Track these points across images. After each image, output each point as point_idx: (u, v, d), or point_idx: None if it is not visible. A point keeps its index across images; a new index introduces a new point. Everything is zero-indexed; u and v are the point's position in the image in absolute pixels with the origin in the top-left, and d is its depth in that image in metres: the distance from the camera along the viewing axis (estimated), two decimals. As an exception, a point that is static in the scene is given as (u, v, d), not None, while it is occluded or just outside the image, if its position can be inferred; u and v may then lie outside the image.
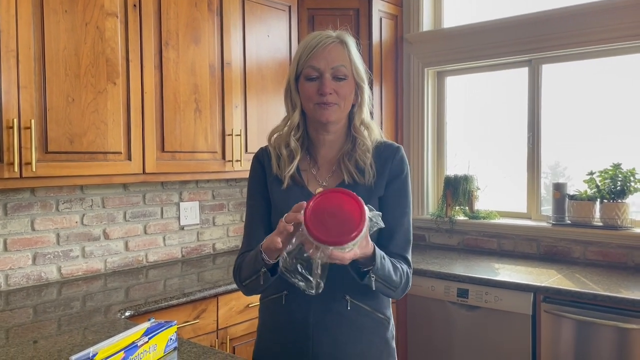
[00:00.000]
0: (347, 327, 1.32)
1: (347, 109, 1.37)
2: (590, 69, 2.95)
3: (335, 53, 1.33)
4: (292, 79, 1.37)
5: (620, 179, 2.72)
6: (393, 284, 1.27)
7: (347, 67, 1.33)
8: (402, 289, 1.33)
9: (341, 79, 1.32)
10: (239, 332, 2.39)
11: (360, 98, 1.38)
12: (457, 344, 2.62)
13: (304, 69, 1.33)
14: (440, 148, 3.49)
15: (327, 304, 1.31)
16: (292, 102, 1.38)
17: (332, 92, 1.31)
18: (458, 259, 2.99)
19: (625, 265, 2.70)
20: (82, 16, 2.14)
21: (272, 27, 2.92)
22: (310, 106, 1.34)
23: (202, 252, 3.05)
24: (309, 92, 1.32)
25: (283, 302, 1.35)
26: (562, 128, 3.06)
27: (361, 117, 1.39)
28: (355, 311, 1.32)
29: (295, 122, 1.38)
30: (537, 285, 2.38)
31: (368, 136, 1.38)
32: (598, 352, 2.23)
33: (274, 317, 1.40)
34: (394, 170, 1.37)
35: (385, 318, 1.39)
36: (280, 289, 1.35)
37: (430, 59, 3.36)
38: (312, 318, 1.32)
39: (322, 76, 1.31)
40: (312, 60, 1.32)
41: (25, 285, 2.35)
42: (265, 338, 1.44)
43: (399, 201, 1.36)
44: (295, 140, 1.38)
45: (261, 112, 2.88)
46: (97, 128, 2.20)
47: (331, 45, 1.33)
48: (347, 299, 1.32)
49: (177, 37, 2.48)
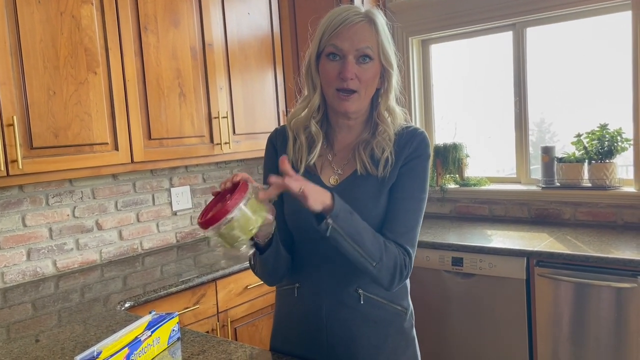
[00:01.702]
0: (361, 321, 1.27)
1: (368, 97, 1.27)
2: (573, 30, 2.94)
3: (362, 33, 1.21)
4: (313, 57, 1.26)
5: (607, 140, 2.74)
6: (364, 249, 1.14)
7: (373, 50, 1.22)
8: (387, 268, 1.18)
9: (365, 62, 1.22)
10: (239, 313, 2.42)
11: (388, 83, 1.28)
12: (453, 311, 2.67)
13: (326, 47, 1.23)
14: (428, 118, 3.48)
15: (339, 298, 1.27)
16: (313, 83, 1.28)
17: (353, 77, 1.21)
18: (451, 227, 3.02)
19: (615, 224, 2.74)
20: (56, 5, 2.08)
21: (252, 4, 2.86)
22: (330, 92, 1.24)
23: (197, 236, 3.05)
24: (330, 75, 1.22)
25: (295, 294, 1.33)
26: (548, 89, 3.06)
27: (387, 104, 1.29)
28: (368, 304, 1.28)
29: (315, 105, 1.29)
30: (530, 250, 2.42)
31: (391, 122, 1.29)
32: (593, 313, 2.28)
33: (288, 308, 1.37)
34: (407, 155, 1.27)
35: (402, 309, 1.33)
36: (292, 280, 1.33)
37: (414, 28, 3.33)
38: (325, 311, 1.28)
39: (344, 58, 1.21)
40: (336, 39, 1.21)
41: (22, 282, 2.34)
42: (282, 326, 1.41)
43: (406, 183, 1.26)
44: (316, 124, 1.29)
45: (246, 92, 2.85)
46: (81, 120, 2.16)
47: (358, 24, 1.21)
48: (359, 292, 1.27)
49: (156, 21, 2.42)
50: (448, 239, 2.71)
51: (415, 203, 1.27)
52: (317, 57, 1.27)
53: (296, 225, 1.31)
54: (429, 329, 2.71)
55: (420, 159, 1.28)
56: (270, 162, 1.37)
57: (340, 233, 1.12)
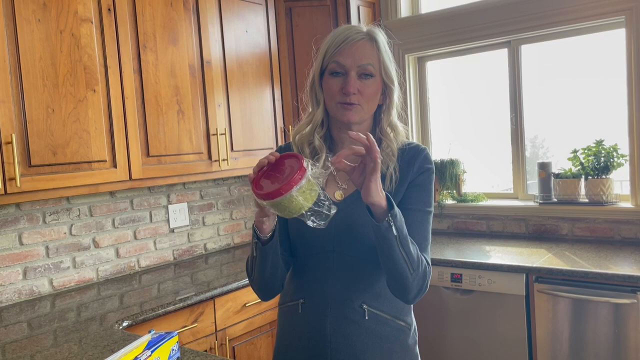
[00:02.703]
0: (366, 336, 1.27)
1: (370, 111, 1.30)
2: (568, 47, 2.97)
3: (363, 50, 1.25)
4: (317, 74, 1.30)
5: (603, 155, 2.76)
6: (409, 255, 1.15)
7: (374, 66, 1.26)
8: (419, 278, 1.19)
9: (367, 78, 1.25)
10: (237, 332, 2.39)
11: (389, 99, 1.31)
12: (452, 328, 2.66)
13: (329, 64, 1.27)
14: (425, 134, 3.50)
15: (344, 313, 1.27)
16: (316, 99, 1.32)
17: (356, 92, 1.24)
18: (449, 243, 3.02)
19: (612, 239, 2.75)
20: (56, 24, 2.09)
21: (250, 22, 2.89)
22: (333, 105, 1.27)
23: (194, 253, 3.03)
24: (333, 90, 1.26)
25: (299, 310, 1.32)
26: (544, 105, 3.09)
27: (389, 120, 1.31)
28: (373, 320, 1.27)
29: (319, 120, 1.32)
30: (529, 266, 2.41)
31: (394, 138, 1.31)
32: (592, 329, 2.28)
33: (292, 326, 1.36)
34: (416, 171, 1.29)
35: (406, 325, 1.33)
36: (295, 296, 1.33)
37: (410, 45, 3.36)
38: (329, 327, 1.27)
39: (347, 74, 1.24)
40: (338, 56, 1.25)
41: (18, 301, 2.32)
42: (285, 344, 1.40)
43: (418, 196, 1.28)
44: (319, 139, 1.31)
45: (244, 109, 2.86)
46: (80, 137, 2.16)
47: (360, 42, 1.26)
48: (364, 307, 1.27)
49: (155, 39, 2.44)
50: (447, 255, 2.71)
51: (427, 215, 1.29)
52: (321, 74, 1.30)
53: (303, 240, 1.31)
54: (429, 346, 2.70)
55: (428, 172, 1.30)
56: None
57: (394, 234, 1.12)
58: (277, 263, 1.28)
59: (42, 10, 2.04)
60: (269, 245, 1.23)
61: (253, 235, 1.23)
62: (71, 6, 2.13)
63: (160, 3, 2.46)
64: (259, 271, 1.29)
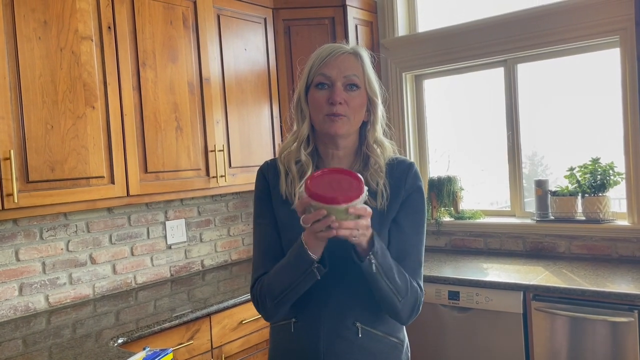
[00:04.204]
0: (359, 354, 1.27)
1: (356, 124, 1.30)
2: (564, 66, 3.00)
3: (349, 62, 1.28)
4: (302, 90, 1.32)
5: (599, 173, 2.77)
6: (395, 285, 1.18)
7: (359, 78, 1.28)
8: (409, 303, 1.23)
9: (353, 89, 1.27)
10: (233, 349, 2.38)
11: (373, 115, 1.32)
12: (450, 346, 2.64)
13: (315, 77, 1.28)
14: (422, 151, 3.52)
15: (337, 331, 1.27)
16: (302, 114, 1.32)
17: (342, 101, 1.25)
18: (447, 260, 3.01)
19: (610, 257, 2.75)
20: (56, 42, 2.11)
21: (248, 40, 2.92)
22: (319, 118, 1.27)
23: (191, 270, 3.03)
24: (319, 102, 1.26)
25: (292, 329, 1.31)
26: (540, 123, 3.11)
27: (374, 136, 1.32)
28: (366, 337, 1.27)
29: (304, 134, 1.32)
30: (527, 284, 2.41)
31: (381, 154, 1.32)
32: (590, 347, 2.27)
33: (284, 344, 1.35)
34: (408, 189, 1.30)
35: (399, 342, 1.33)
36: (288, 316, 1.31)
37: (407, 64, 3.39)
38: (323, 346, 1.27)
39: (333, 85, 1.26)
40: (324, 68, 1.27)
41: (13, 317, 2.30)
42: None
43: (410, 218, 1.29)
44: (306, 155, 1.32)
45: (243, 126, 2.87)
46: (78, 154, 2.17)
47: (345, 54, 1.28)
48: (357, 325, 1.27)
49: (154, 57, 2.46)
50: (444, 273, 2.71)
51: (420, 237, 1.31)
52: (307, 89, 1.31)
53: None
54: (426, 365, 2.68)
55: (419, 192, 1.32)
56: (263, 194, 1.37)
57: (379, 270, 1.16)
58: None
59: (42, 28, 2.07)
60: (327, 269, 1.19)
61: (306, 259, 1.15)
62: (72, 24, 2.16)
63: (160, 21, 2.49)
64: (294, 295, 1.23)
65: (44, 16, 2.07)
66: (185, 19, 2.60)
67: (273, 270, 1.26)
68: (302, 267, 1.16)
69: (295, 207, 1.13)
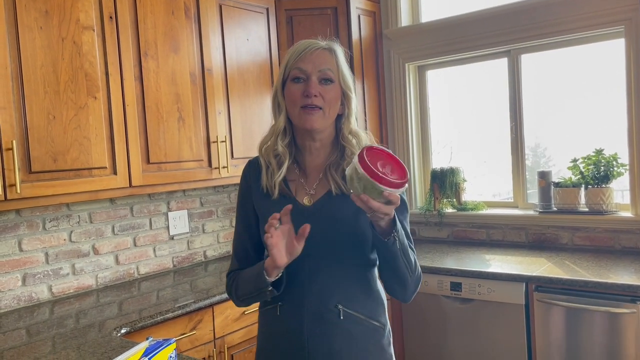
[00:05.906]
0: (341, 336, 1.32)
1: (332, 117, 1.35)
2: (568, 57, 2.98)
3: (323, 57, 1.33)
4: (279, 84, 1.37)
5: (603, 165, 2.76)
6: (409, 261, 1.27)
7: (334, 72, 1.33)
8: (416, 278, 1.32)
9: (328, 84, 1.32)
10: (236, 339, 2.39)
11: (348, 109, 1.37)
12: (452, 337, 2.65)
13: (290, 72, 1.33)
14: (425, 142, 3.51)
15: (320, 314, 1.32)
16: (279, 107, 1.37)
17: (317, 94, 1.30)
18: (449, 251, 3.01)
19: (612, 249, 2.74)
20: (57, 31, 2.10)
21: (251, 31, 2.90)
22: (295, 111, 1.32)
23: (194, 261, 3.03)
24: (295, 95, 1.31)
25: (278, 312, 1.37)
26: (544, 114, 3.10)
27: (349, 128, 1.38)
28: (348, 320, 1.33)
29: (281, 126, 1.37)
30: (529, 275, 2.41)
31: (357, 144, 1.37)
32: (591, 338, 2.27)
33: (270, 327, 1.42)
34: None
35: (380, 325, 1.38)
36: (274, 300, 1.36)
37: (410, 54, 3.37)
38: (306, 328, 1.33)
39: (308, 79, 1.31)
40: (299, 63, 1.32)
41: (17, 307, 2.31)
42: (264, 347, 1.46)
43: (400, 207, 1.28)
44: (284, 146, 1.37)
45: (245, 117, 2.86)
46: (80, 144, 2.17)
47: (319, 50, 1.34)
48: (339, 307, 1.32)
49: (156, 47, 2.45)
50: (446, 264, 2.71)
51: (407, 219, 1.39)
52: (283, 83, 1.36)
53: None
54: (427, 355, 2.68)
55: None
56: (241, 197, 1.46)
57: (401, 247, 1.24)
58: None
59: (44, 17, 2.06)
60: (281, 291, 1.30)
61: (263, 281, 1.27)
62: (73, 14, 2.14)
63: (162, 11, 2.47)
64: (256, 301, 1.39)
65: (45, 6, 2.06)
66: (187, 8, 2.58)
67: (240, 276, 1.39)
68: (258, 286, 1.29)
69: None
